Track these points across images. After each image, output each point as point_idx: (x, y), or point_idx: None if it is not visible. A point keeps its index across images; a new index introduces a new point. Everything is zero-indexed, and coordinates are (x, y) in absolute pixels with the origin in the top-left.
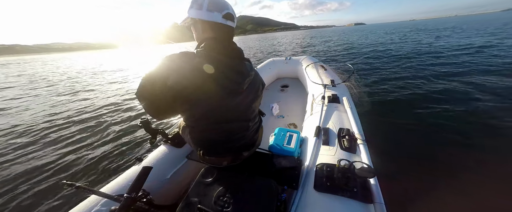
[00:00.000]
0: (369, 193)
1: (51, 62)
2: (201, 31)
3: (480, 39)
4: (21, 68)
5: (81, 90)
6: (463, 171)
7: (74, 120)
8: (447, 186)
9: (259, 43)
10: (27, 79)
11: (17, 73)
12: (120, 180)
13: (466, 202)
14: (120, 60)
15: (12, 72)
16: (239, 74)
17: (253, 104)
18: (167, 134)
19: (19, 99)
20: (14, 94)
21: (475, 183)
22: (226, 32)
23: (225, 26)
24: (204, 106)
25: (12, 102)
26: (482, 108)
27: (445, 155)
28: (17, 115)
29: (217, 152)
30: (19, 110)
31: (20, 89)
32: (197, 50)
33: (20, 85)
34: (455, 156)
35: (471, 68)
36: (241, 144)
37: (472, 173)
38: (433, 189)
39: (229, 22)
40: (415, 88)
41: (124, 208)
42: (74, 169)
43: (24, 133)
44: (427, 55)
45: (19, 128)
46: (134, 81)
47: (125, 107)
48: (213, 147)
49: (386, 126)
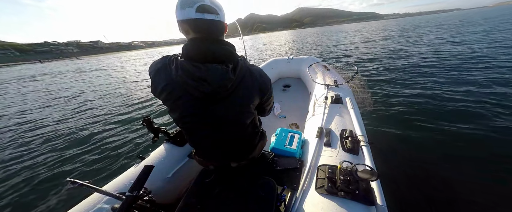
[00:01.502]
0: (371, 195)
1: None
2: (185, 32)
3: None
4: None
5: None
6: (467, 176)
7: (78, 118)
8: (450, 191)
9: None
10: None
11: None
12: (122, 178)
13: (469, 206)
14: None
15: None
16: (201, 82)
17: (240, 117)
18: (169, 133)
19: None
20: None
21: (480, 188)
22: (206, 28)
23: (203, 21)
24: (178, 112)
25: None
26: (495, 114)
27: (450, 159)
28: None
29: (204, 155)
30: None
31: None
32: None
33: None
34: (461, 160)
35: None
36: (228, 154)
37: (476, 177)
38: (436, 193)
39: (207, 14)
40: (423, 90)
41: (125, 206)
42: (77, 166)
43: (28, 130)
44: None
45: (20, 125)
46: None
47: (128, 106)
48: (200, 150)
49: (390, 128)
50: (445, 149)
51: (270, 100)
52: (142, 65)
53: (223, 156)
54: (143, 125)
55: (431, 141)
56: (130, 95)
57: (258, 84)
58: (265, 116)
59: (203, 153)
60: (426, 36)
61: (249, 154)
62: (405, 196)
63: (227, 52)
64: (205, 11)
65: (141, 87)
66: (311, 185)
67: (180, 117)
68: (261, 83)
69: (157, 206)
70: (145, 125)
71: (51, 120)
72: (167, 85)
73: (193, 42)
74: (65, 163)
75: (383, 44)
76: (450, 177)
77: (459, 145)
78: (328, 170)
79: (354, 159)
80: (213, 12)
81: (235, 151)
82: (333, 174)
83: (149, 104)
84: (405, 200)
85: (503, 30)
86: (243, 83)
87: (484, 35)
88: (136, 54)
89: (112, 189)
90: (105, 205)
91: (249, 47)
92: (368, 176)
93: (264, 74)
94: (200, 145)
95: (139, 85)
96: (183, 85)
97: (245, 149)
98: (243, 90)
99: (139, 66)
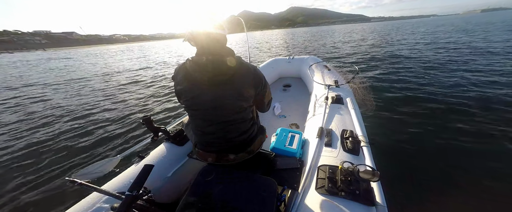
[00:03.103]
0: (371, 195)
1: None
2: (193, 39)
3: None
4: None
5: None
6: (467, 176)
7: (78, 116)
8: (451, 192)
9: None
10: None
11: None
12: (122, 178)
13: (469, 206)
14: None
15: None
16: (204, 68)
17: (237, 102)
18: (169, 132)
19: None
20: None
21: (481, 188)
22: (213, 44)
23: (212, 40)
24: (187, 95)
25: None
26: (496, 115)
27: (451, 160)
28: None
29: (204, 147)
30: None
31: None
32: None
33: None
34: (461, 160)
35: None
36: (227, 146)
37: (476, 177)
38: (436, 194)
39: (215, 34)
40: (424, 90)
41: (125, 205)
42: (77, 165)
43: (26, 128)
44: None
45: (20, 124)
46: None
47: (128, 105)
48: (202, 141)
49: (390, 128)
50: (445, 149)
51: (266, 93)
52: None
53: (221, 146)
54: (143, 124)
55: (431, 141)
56: (130, 95)
57: (252, 75)
58: (264, 111)
59: (203, 142)
60: (423, 38)
61: (248, 146)
62: (405, 196)
63: (225, 50)
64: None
65: (141, 87)
66: (312, 185)
67: (187, 98)
68: (255, 75)
69: (157, 206)
70: (145, 124)
71: (50, 119)
72: (183, 76)
73: (201, 52)
74: (64, 162)
75: (381, 45)
76: (451, 177)
77: (459, 145)
78: (329, 170)
79: (355, 159)
80: (221, 30)
81: (232, 141)
82: (333, 174)
83: (149, 104)
84: (405, 201)
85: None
86: (239, 73)
87: (484, 37)
88: (116, 48)
89: (111, 189)
90: (105, 204)
91: (242, 45)
92: (370, 176)
93: (258, 70)
94: (201, 131)
95: (134, 84)
96: (192, 74)
97: (243, 139)
98: (239, 79)
99: (115, 62)
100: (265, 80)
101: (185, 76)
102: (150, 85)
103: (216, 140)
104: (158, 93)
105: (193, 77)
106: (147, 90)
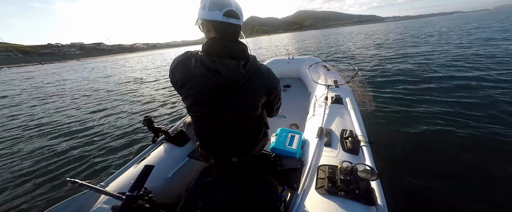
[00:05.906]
0: (371, 195)
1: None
2: (206, 31)
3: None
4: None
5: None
6: (468, 175)
7: (78, 117)
8: (450, 191)
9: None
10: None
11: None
12: (122, 178)
13: (469, 205)
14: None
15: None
16: (215, 73)
17: (247, 111)
18: (170, 133)
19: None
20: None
21: (482, 187)
22: (229, 31)
23: (228, 25)
24: (190, 100)
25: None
26: (497, 115)
27: (451, 160)
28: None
29: (207, 148)
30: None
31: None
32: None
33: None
34: (461, 160)
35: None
36: (230, 148)
37: (477, 177)
38: (436, 193)
39: (232, 19)
40: (424, 90)
41: (125, 206)
42: (77, 166)
43: (26, 129)
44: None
45: (19, 122)
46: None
47: (129, 104)
48: (205, 142)
49: (390, 128)
50: (445, 149)
51: (278, 99)
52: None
53: (226, 149)
54: (143, 124)
55: (431, 141)
56: (131, 95)
57: (265, 82)
58: (272, 116)
59: (206, 145)
60: (429, 38)
61: (251, 150)
62: (405, 196)
63: (240, 50)
64: (230, 16)
65: (142, 87)
66: (311, 185)
67: (192, 104)
68: (269, 82)
69: (157, 206)
70: (145, 125)
71: (49, 119)
72: (185, 75)
73: (213, 40)
74: (64, 163)
75: (383, 45)
76: (451, 177)
77: (460, 144)
78: (328, 170)
79: (354, 159)
80: (236, 17)
81: (237, 145)
82: (333, 174)
83: (150, 104)
84: (405, 200)
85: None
86: (252, 79)
87: (486, 40)
88: (140, 56)
89: (112, 189)
90: (105, 205)
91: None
92: (368, 175)
93: (273, 74)
94: (206, 134)
95: (141, 85)
96: (199, 77)
97: (247, 144)
98: (251, 85)
99: (137, 69)
100: (280, 87)
101: (188, 76)
102: (154, 87)
103: (220, 143)
104: (160, 95)
105: (198, 79)
106: (152, 91)
